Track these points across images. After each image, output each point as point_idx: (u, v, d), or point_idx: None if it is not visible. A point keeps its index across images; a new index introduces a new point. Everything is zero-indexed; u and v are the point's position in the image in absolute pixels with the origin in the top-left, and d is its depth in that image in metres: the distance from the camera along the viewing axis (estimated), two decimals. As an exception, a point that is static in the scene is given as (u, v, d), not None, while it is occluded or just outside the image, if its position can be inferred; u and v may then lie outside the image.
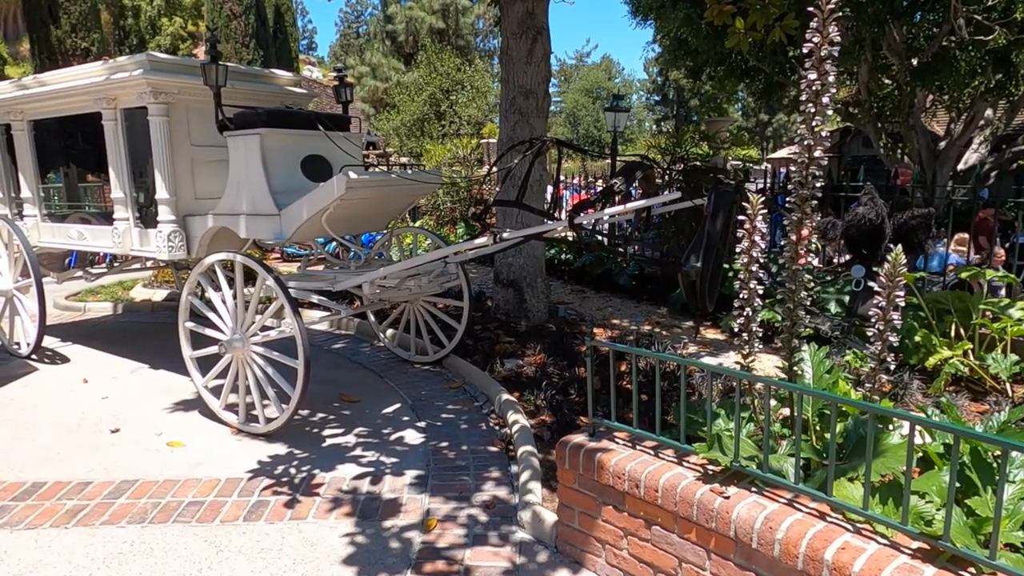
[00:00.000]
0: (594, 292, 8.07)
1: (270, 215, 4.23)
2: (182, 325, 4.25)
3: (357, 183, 3.93)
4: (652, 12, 11.80)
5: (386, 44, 30.33)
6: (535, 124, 6.08)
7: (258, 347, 3.94)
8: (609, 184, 3.21)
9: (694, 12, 10.13)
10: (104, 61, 4.83)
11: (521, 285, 6.24)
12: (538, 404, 4.38)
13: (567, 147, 3.70)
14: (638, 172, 3.27)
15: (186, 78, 4.61)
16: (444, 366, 5.38)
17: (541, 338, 5.79)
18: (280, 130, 4.33)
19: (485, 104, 25.45)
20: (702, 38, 10.61)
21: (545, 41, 5.98)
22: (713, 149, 7.16)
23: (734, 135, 7.65)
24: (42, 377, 5.19)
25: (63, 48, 14.54)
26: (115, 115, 4.82)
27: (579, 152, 3.93)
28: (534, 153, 3.59)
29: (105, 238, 5.12)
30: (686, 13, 10.47)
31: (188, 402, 4.62)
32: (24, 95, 5.29)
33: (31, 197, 5.72)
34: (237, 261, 3.94)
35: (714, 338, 6.13)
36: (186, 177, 4.74)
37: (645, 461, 2.57)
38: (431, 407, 4.52)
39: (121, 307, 7.48)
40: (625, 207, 3.13)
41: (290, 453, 3.82)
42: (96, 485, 3.42)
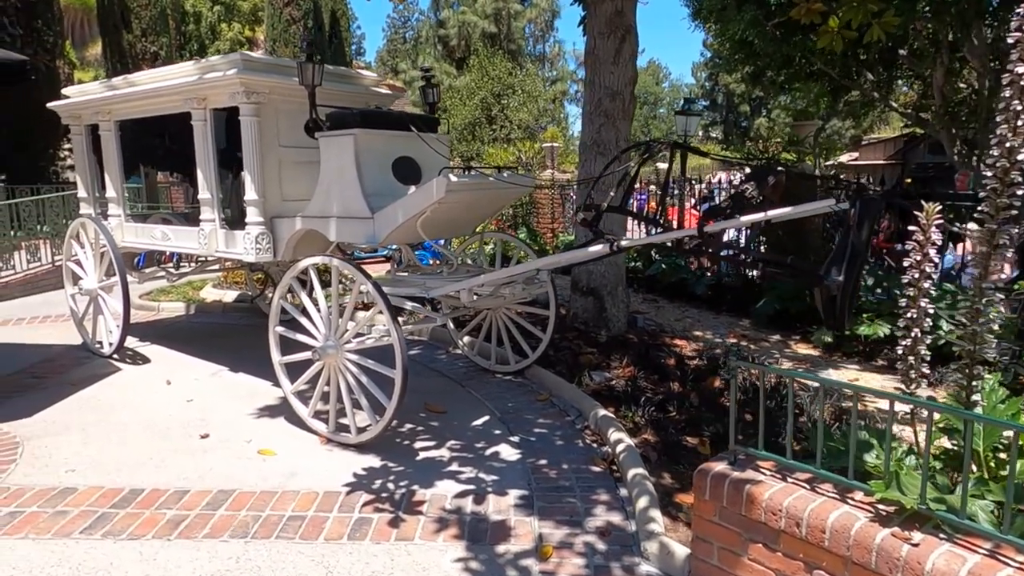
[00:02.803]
0: (667, 301, 7.79)
1: (362, 218, 4.10)
2: (272, 330, 4.16)
3: (456, 186, 3.77)
4: (714, 15, 11.46)
5: (438, 48, 30.47)
6: (621, 127, 5.85)
7: (352, 355, 3.80)
8: (739, 190, 2.97)
9: (761, 14, 9.79)
10: (195, 61, 4.79)
11: (601, 293, 6.01)
12: (636, 421, 4.14)
13: (687, 149, 3.46)
14: (770, 177, 3.01)
15: (278, 78, 4.53)
16: (526, 377, 5.19)
17: (624, 349, 5.55)
18: (374, 131, 4.21)
19: (536, 108, 25.30)
20: (768, 40, 10.24)
21: (633, 41, 5.76)
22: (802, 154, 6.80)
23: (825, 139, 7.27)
24: (126, 377, 5.18)
25: (133, 52, 14.92)
26: (204, 115, 4.78)
27: (701, 155, 3.69)
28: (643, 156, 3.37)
29: (190, 239, 5.09)
30: (753, 15, 10.10)
31: (273, 407, 4.53)
32: (113, 95, 5.30)
33: (115, 197, 5.75)
34: (334, 265, 3.82)
35: (807, 353, 5.80)
36: (274, 178, 4.66)
37: (804, 497, 2.32)
38: (521, 421, 4.33)
39: (193, 307, 7.51)
40: (766, 214, 2.88)
41: (385, 466, 3.67)
42: (193, 494, 3.32)
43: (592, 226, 3.34)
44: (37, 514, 3.11)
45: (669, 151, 3.42)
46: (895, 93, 13.51)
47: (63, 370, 5.32)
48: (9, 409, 4.44)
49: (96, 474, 3.53)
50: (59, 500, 3.24)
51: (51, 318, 7.17)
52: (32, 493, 3.30)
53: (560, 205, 10.89)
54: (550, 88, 30.33)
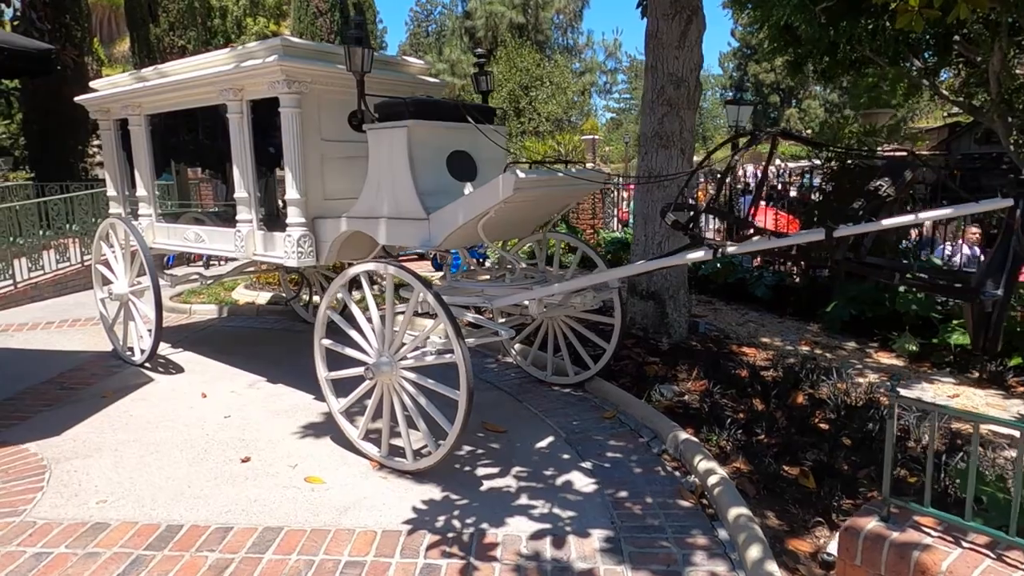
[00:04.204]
0: (724, 303, 7.31)
1: (417, 219, 3.70)
2: (317, 342, 3.78)
3: (525, 183, 3.35)
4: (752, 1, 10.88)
5: (464, 40, 30.02)
6: (685, 117, 5.39)
7: (409, 372, 3.41)
8: (872, 188, 2.51)
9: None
10: (231, 48, 4.43)
11: (663, 297, 5.56)
12: (722, 446, 3.70)
13: (795, 140, 3.01)
14: (907, 172, 2.55)
15: (321, 65, 4.14)
16: (587, 390, 4.76)
17: (689, 359, 5.11)
18: (428, 122, 3.80)
19: (565, 100, 24.76)
20: (816, 26, 9.68)
21: (700, 22, 5.28)
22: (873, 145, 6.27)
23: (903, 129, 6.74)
24: (159, 389, 4.85)
25: (161, 46, 14.71)
26: (241, 107, 4.41)
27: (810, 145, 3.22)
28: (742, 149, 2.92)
29: (226, 241, 4.73)
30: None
31: (316, 426, 4.16)
32: (143, 87, 4.96)
33: (146, 196, 5.43)
34: (389, 273, 3.42)
35: (890, 363, 5.30)
36: (316, 176, 4.29)
37: (993, 569, 1.87)
38: (590, 443, 3.91)
39: (226, 310, 7.19)
40: (917, 217, 2.42)
41: (446, 498, 3.27)
42: (237, 532, 2.95)
43: (688, 229, 2.90)
44: (66, 557, 2.76)
45: (772, 141, 2.96)
46: (943, 81, 12.82)
47: (93, 380, 5.01)
48: (37, 426, 4.13)
49: (130, 505, 3.18)
50: (90, 538, 2.90)
51: (80, 321, 6.90)
52: (60, 530, 2.96)
53: (600, 201, 10.42)
54: (578, 80, 29.75)
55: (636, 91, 50.32)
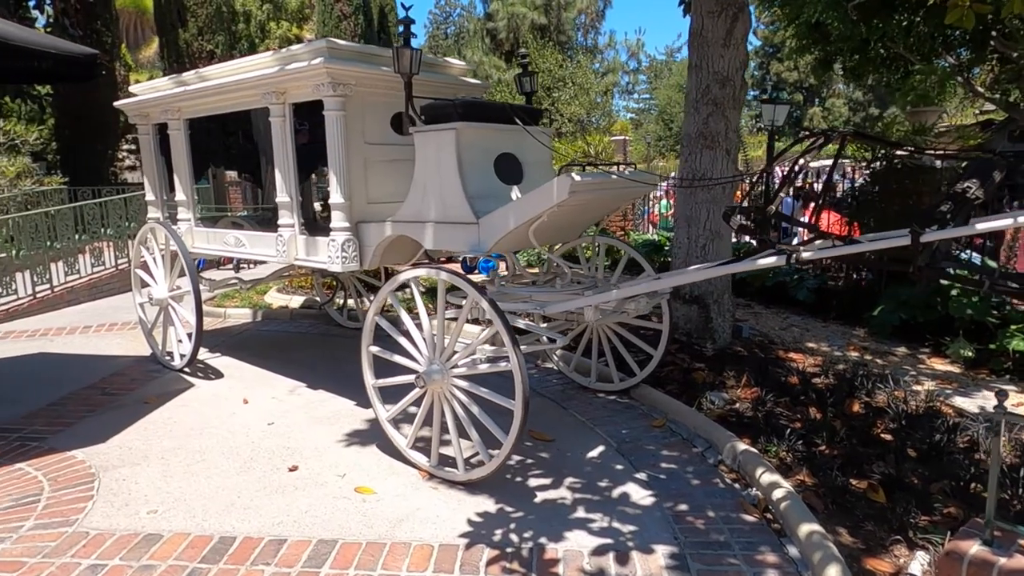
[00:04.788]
0: (763, 307, 7.15)
1: (465, 223, 3.62)
2: (365, 349, 3.71)
3: (581, 186, 3.25)
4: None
5: (486, 42, 29.98)
6: (731, 116, 5.26)
7: (461, 381, 3.33)
8: (960, 190, 2.38)
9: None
10: (274, 51, 4.38)
11: (707, 301, 5.43)
12: (782, 456, 3.57)
13: (868, 140, 2.88)
14: (995, 172, 2.41)
15: (365, 67, 4.09)
16: (633, 396, 4.65)
17: (736, 364, 4.97)
18: (477, 124, 3.72)
19: (587, 101, 24.62)
20: (848, 22, 9.50)
21: (746, 20, 5.16)
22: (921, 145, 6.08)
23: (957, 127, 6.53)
24: (200, 395, 4.82)
25: (190, 51, 14.84)
26: (283, 111, 4.36)
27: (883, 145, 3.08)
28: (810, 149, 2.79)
29: (267, 246, 4.69)
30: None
31: (362, 433, 4.10)
32: (184, 91, 4.94)
33: (185, 200, 5.41)
34: (441, 279, 3.34)
35: (946, 370, 5.12)
36: (360, 179, 4.23)
37: (1119, 601, 1.74)
38: (642, 453, 3.80)
39: (260, 314, 7.18)
40: (1016, 220, 2.28)
41: (501, 510, 3.19)
42: (291, 545, 2.89)
43: (757, 234, 2.78)
44: (121, 569, 2.72)
45: (841, 140, 2.83)
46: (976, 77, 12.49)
47: (135, 386, 5.00)
48: (83, 432, 4.11)
49: (181, 516, 3.13)
50: (143, 550, 2.85)
51: (117, 325, 6.93)
52: (113, 541, 2.92)
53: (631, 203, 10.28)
54: (601, 80, 29.56)
55: (656, 91, 49.95)
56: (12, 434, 4.08)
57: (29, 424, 4.24)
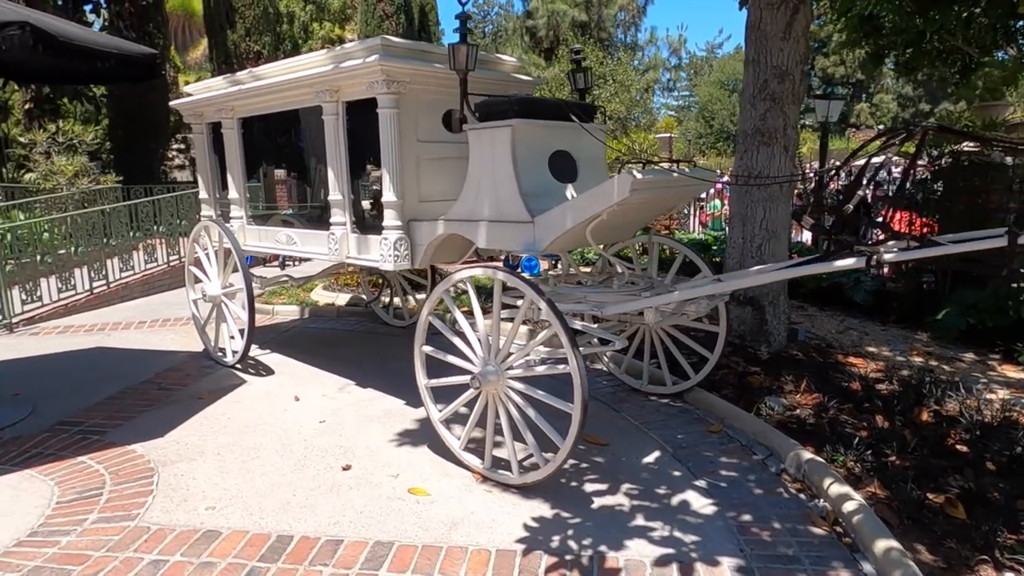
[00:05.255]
0: (817, 309, 6.93)
1: (520, 222, 3.56)
2: (418, 349, 3.68)
3: (642, 184, 3.16)
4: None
5: (525, 40, 29.89)
6: (789, 112, 5.09)
7: (517, 383, 3.27)
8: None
9: (898, -15, 8.72)
10: (328, 49, 4.39)
11: (762, 303, 5.27)
12: (849, 466, 3.42)
13: (954, 134, 2.72)
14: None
15: (418, 64, 4.06)
16: (687, 400, 4.53)
17: (793, 369, 4.82)
18: (532, 121, 3.66)
19: (628, 98, 24.33)
20: (903, 15, 9.16)
21: (808, 12, 4.98)
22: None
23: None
24: (252, 391, 4.87)
25: (238, 52, 15.15)
26: (336, 109, 4.36)
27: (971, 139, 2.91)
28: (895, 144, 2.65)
29: (319, 244, 4.71)
30: (888, -12, 9.03)
31: (412, 433, 4.07)
32: (238, 91, 4.99)
33: (237, 198, 5.48)
34: (498, 278, 3.29)
35: (1019, 377, 4.87)
36: (412, 177, 4.20)
37: None
38: (700, 459, 3.69)
39: (307, 311, 7.24)
40: None
41: (557, 516, 3.12)
42: (348, 546, 2.87)
43: (832, 234, 2.65)
44: (182, 565, 2.73)
45: (922, 135, 2.68)
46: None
47: (189, 381, 5.08)
48: (141, 427, 4.18)
49: (238, 513, 3.15)
50: (203, 547, 2.87)
51: (170, 321, 7.07)
52: (173, 536, 2.95)
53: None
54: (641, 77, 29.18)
55: (697, 88, 49.14)
56: (74, 427, 4.17)
57: (90, 417, 4.33)
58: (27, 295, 7.16)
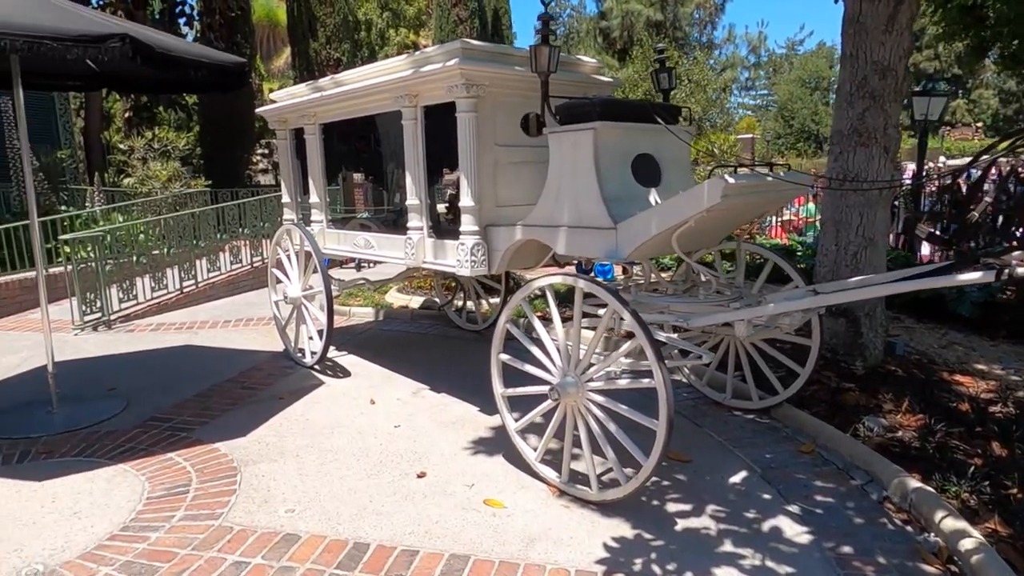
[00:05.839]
0: (915, 321, 6.46)
1: (602, 228, 3.43)
2: (495, 357, 3.61)
3: (734, 189, 2.98)
4: (931, -20, 9.71)
5: (598, 41, 29.61)
6: (891, 111, 4.74)
7: (597, 395, 3.15)
8: None
9: (1006, -25, 8.06)
10: (408, 55, 4.40)
11: (857, 314, 4.93)
12: (963, 498, 3.12)
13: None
14: None
15: (497, 67, 4.00)
16: (774, 416, 4.28)
17: (892, 386, 4.48)
18: (615, 124, 3.52)
19: (704, 98, 23.67)
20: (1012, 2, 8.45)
21: (913, 2, 4.62)
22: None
23: None
24: (330, 393, 4.94)
25: (319, 59, 15.66)
26: (415, 113, 4.37)
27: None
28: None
29: (395, 248, 4.73)
30: (995, -24, 8.38)
31: (487, 442, 4.01)
32: (320, 97, 5.08)
33: (318, 202, 5.59)
34: (579, 286, 3.18)
35: None
36: (489, 182, 4.15)
37: None
38: (791, 482, 3.45)
39: (382, 313, 7.33)
40: None
41: (639, 537, 2.97)
42: (424, 557, 2.82)
43: (952, 245, 2.40)
44: (263, 569, 2.75)
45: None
46: None
47: (270, 381, 5.20)
48: (225, 425, 4.30)
49: (316, 518, 3.16)
50: (283, 550, 2.88)
51: (253, 321, 7.31)
52: (255, 538, 2.98)
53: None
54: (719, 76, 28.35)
55: (776, 87, 47.37)
56: (164, 424, 4.33)
57: (178, 414, 4.49)
58: (124, 293, 7.56)
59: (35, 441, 4.07)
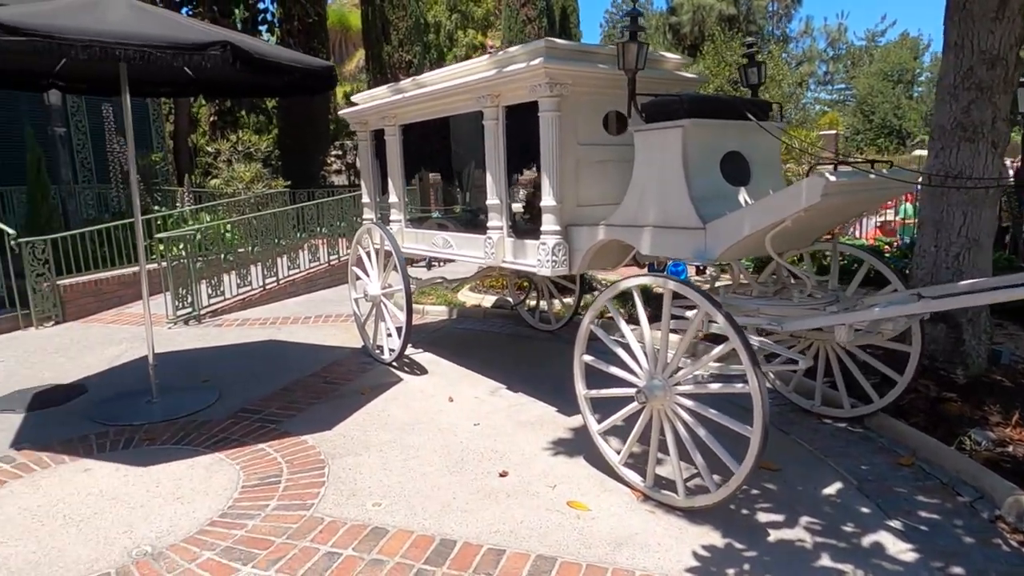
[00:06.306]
0: (1020, 328, 6.04)
1: (690, 228, 3.35)
2: (577, 358, 3.58)
3: (835, 187, 2.84)
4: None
5: (667, 37, 29.07)
6: (1000, 103, 4.44)
7: (686, 399, 3.07)
8: None
9: None
10: (490, 55, 4.42)
11: (959, 320, 4.64)
12: (1089, 522, 2.88)
13: None
14: None
15: (581, 66, 3.97)
16: (867, 426, 4.08)
17: (999, 397, 4.21)
18: (705, 121, 3.43)
19: (779, 93, 22.84)
20: None
21: (1028, -14, 4.31)
22: None
23: None
24: (409, 389, 5.02)
25: (391, 62, 16.02)
26: (496, 113, 4.38)
27: None
28: None
29: (475, 248, 4.76)
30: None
31: (566, 443, 3.99)
32: (401, 99, 5.17)
33: (396, 202, 5.70)
34: (669, 287, 3.11)
35: None
36: (571, 181, 4.12)
37: None
38: (891, 495, 3.28)
39: (455, 312, 7.42)
40: None
41: (730, 546, 2.89)
42: (510, 557, 2.83)
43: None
44: (354, 561, 2.82)
45: None
46: None
47: (351, 376, 5.34)
48: (310, 418, 4.44)
49: (403, 512, 3.21)
50: (372, 543, 2.95)
51: (331, 317, 7.52)
52: (345, 530, 3.06)
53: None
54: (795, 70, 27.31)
55: (855, 80, 45.24)
56: (254, 415, 4.50)
57: (267, 407, 4.66)
58: (212, 289, 7.93)
59: (138, 429, 4.31)
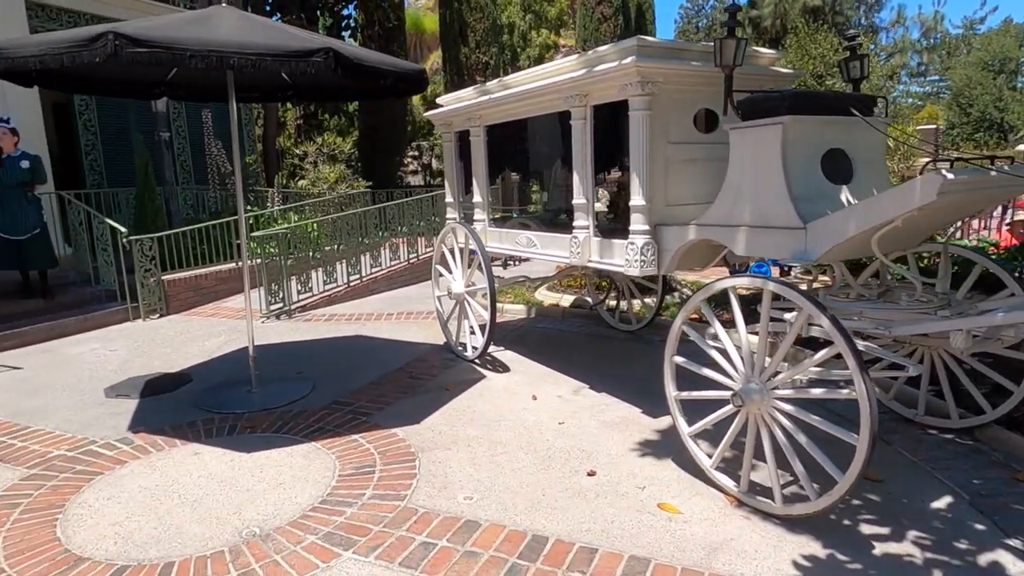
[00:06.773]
0: None
1: (789, 228, 3.25)
2: (668, 359, 3.54)
3: (952, 185, 2.69)
4: None
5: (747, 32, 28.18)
6: None
7: (785, 404, 2.99)
8: None
9: None
10: (579, 55, 4.43)
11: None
12: None
13: None
14: None
15: (672, 63, 3.92)
16: (978, 438, 3.85)
17: None
18: (806, 117, 3.32)
19: (868, 86, 21.79)
20: None
21: None
22: None
23: None
24: (492, 386, 5.09)
25: (468, 63, 16.25)
26: (584, 113, 4.39)
27: None
28: None
29: (560, 247, 4.78)
30: None
31: (653, 444, 3.95)
32: (488, 100, 5.24)
33: (480, 202, 5.78)
34: (768, 289, 3.03)
35: None
36: (660, 180, 4.07)
37: None
38: (1009, 512, 3.08)
39: (534, 311, 7.46)
40: None
41: (832, 557, 2.79)
42: (603, 556, 2.83)
43: None
44: (449, 552, 2.89)
45: None
46: None
47: (435, 372, 5.46)
48: (399, 412, 4.57)
49: (493, 507, 3.27)
50: (465, 536, 3.01)
51: (413, 314, 7.71)
52: (438, 522, 3.13)
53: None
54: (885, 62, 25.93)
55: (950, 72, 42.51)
56: (346, 407, 4.67)
57: (357, 400, 4.83)
58: (301, 286, 8.28)
59: (240, 417, 4.56)
